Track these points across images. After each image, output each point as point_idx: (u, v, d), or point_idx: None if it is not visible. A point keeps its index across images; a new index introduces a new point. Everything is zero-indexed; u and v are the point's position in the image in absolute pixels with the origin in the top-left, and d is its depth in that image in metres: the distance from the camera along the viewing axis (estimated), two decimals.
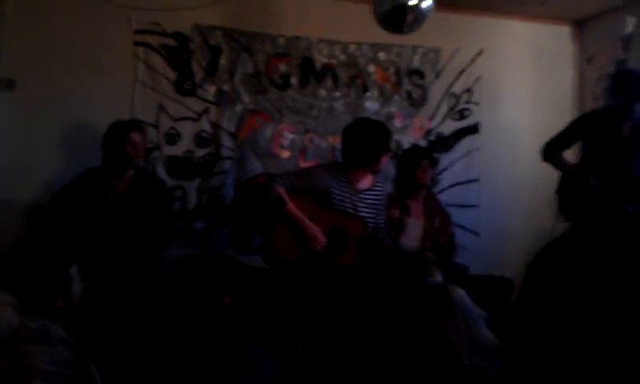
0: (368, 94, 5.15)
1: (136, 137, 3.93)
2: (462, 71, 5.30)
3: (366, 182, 3.87)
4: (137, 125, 4.07)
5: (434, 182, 5.02)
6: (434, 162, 4.47)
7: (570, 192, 4.34)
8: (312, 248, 3.67)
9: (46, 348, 0.97)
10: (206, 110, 4.81)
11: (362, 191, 3.85)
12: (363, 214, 3.81)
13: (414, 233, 4.21)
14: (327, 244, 3.70)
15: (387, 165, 4.18)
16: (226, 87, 4.83)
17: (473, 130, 5.38)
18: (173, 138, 4.74)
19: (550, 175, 4.43)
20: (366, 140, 3.78)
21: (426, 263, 1.34)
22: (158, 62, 4.69)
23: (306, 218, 3.67)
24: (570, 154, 4.52)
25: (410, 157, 4.34)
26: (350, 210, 3.78)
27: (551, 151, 4.41)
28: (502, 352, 1.12)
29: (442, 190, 5.23)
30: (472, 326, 1.08)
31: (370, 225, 3.80)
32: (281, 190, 3.64)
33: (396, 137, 5.04)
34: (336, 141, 4.96)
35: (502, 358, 1.15)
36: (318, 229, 3.68)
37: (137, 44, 4.65)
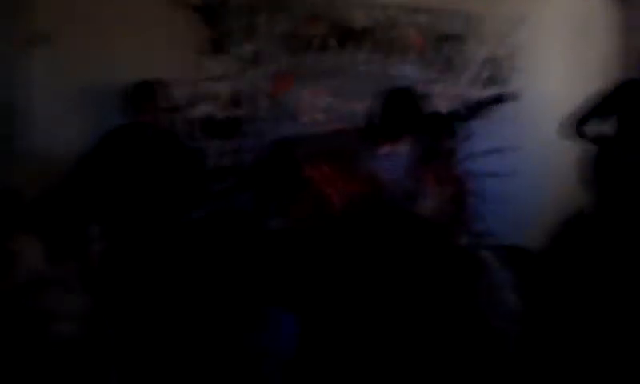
0: (406, 57, 5.08)
1: (149, 107, 4.01)
2: (504, 38, 5.21)
3: (391, 146, 3.83)
4: (150, 93, 4.07)
5: (453, 152, 4.96)
6: (453, 133, 4.35)
7: (605, 167, 4.24)
8: (332, 212, 3.66)
9: (69, 295, 0.99)
10: (242, 69, 4.78)
11: (386, 155, 3.80)
12: (389, 177, 3.79)
13: (427, 202, 4.16)
14: (347, 208, 3.69)
15: None
16: (261, 47, 4.80)
17: (512, 97, 5.29)
18: (208, 97, 4.74)
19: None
20: (395, 116, 3.72)
21: (451, 228, 1.33)
22: (195, 19, 4.66)
23: (326, 183, 3.64)
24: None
25: (427, 125, 4.11)
26: (373, 174, 3.77)
27: (582, 125, 4.30)
28: (524, 318, 1.11)
29: (477, 157, 5.17)
30: (498, 288, 1.07)
31: (394, 188, 3.79)
32: (303, 152, 3.64)
33: (434, 102, 5.00)
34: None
35: (522, 323, 1.14)
36: (336, 194, 3.67)
37: (172, 1, 4.63)
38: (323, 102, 4.95)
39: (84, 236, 2.14)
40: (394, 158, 3.85)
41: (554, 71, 5.30)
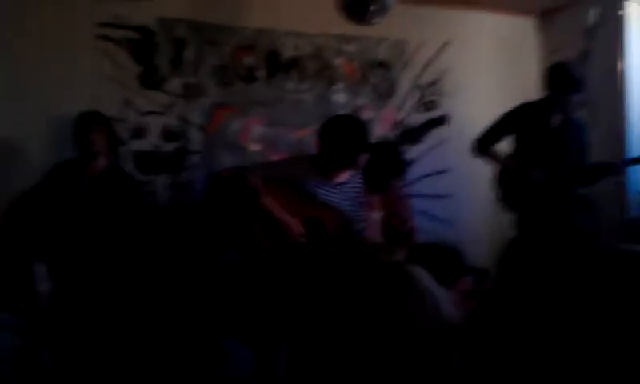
0: (336, 86, 5.15)
1: (99, 138, 3.99)
2: (428, 63, 5.32)
3: (343, 175, 3.77)
4: (99, 123, 4.05)
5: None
6: (402, 165, 4.41)
7: (511, 184, 4.39)
8: (290, 238, 3.62)
9: None
10: (173, 104, 4.76)
11: (339, 184, 3.76)
12: (341, 207, 3.74)
13: (373, 226, 4.18)
14: (305, 235, 3.65)
15: None
16: (192, 80, 4.79)
17: (441, 121, 5.40)
18: (140, 132, 4.69)
19: None
20: (343, 143, 3.60)
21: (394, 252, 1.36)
22: (122, 56, 4.63)
23: (282, 210, 3.60)
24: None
25: (389, 170, 4.20)
26: (327, 203, 3.72)
27: (484, 145, 4.45)
28: (473, 335, 1.13)
29: (413, 182, 5.24)
30: (429, 302, 1.08)
31: (348, 216, 3.77)
32: (256, 180, 3.57)
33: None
34: (305, 133, 4.96)
35: (467, 339, 1.15)
36: (294, 220, 3.63)
37: (99, 38, 4.58)
38: (256, 133, 4.96)
39: (29, 275, 2.09)
40: (350, 185, 3.81)
41: (480, 94, 5.41)
